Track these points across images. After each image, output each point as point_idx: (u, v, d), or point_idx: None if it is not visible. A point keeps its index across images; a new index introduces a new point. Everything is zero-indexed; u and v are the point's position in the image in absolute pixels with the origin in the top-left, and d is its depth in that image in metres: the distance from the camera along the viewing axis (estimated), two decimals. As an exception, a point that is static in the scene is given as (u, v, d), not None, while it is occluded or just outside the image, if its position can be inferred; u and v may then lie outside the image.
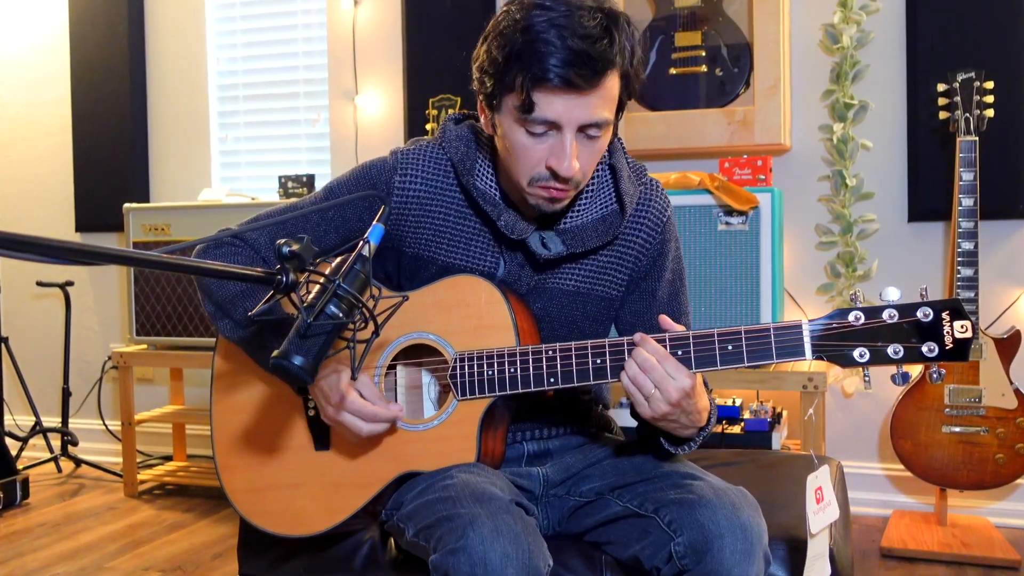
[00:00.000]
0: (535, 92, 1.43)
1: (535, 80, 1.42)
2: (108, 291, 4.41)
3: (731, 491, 1.48)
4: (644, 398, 1.45)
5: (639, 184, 1.69)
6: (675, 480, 1.54)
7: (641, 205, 1.68)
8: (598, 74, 1.43)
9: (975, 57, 3.10)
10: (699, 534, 1.42)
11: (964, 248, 2.86)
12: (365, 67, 3.96)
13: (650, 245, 1.69)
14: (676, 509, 1.47)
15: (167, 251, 1.17)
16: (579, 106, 1.45)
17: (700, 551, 1.41)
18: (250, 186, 4.22)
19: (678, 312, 1.74)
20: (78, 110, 4.33)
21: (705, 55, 3.34)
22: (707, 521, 1.42)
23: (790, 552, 1.64)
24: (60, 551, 3.13)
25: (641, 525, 1.52)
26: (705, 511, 1.43)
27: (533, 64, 1.42)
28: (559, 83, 1.42)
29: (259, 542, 1.78)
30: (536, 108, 1.44)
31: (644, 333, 1.47)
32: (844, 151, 3.27)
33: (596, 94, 1.45)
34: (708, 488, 1.48)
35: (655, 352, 1.44)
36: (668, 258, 1.72)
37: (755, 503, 1.48)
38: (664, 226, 1.70)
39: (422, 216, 1.66)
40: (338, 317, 1.25)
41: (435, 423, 1.58)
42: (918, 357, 1.37)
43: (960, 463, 2.93)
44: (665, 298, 1.73)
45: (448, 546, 1.36)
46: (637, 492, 1.56)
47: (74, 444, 4.13)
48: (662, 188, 1.73)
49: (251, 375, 1.71)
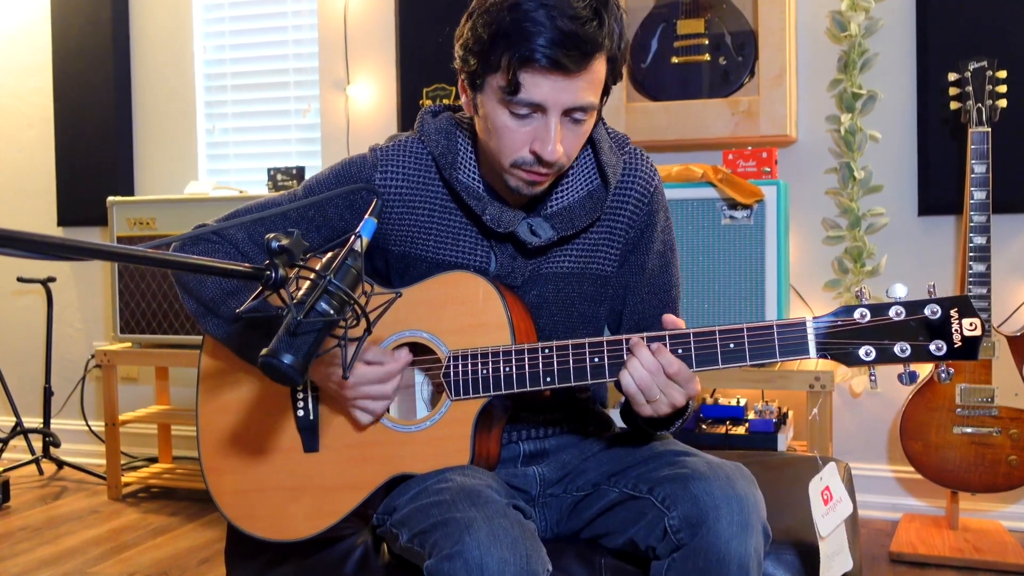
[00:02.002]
0: (521, 73, 1.44)
1: (522, 60, 1.43)
2: (91, 287, 4.41)
3: (725, 464, 1.50)
4: (647, 402, 1.47)
5: (622, 154, 1.69)
6: (669, 458, 1.56)
7: (626, 176, 1.69)
8: (587, 56, 1.44)
9: (987, 45, 3.10)
10: (693, 507, 1.42)
11: (976, 243, 2.87)
12: (357, 56, 3.96)
13: (638, 216, 1.70)
14: (670, 485, 1.48)
15: (152, 246, 1.16)
16: (566, 89, 1.45)
17: (695, 524, 1.42)
18: (238, 179, 4.22)
19: (668, 285, 1.75)
20: (60, 100, 4.33)
21: (708, 43, 3.34)
22: (701, 493, 1.43)
23: (800, 556, 1.64)
24: (41, 556, 3.14)
25: (636, 507, 1.53)
26: (699, 484, 1.44)
27: (520, 44, 1.42)
28: (547, 64, 1.42)
29: (247, 547, 1.78)
30: (522, 89, 1.45)
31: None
32: (852, 143, 3.27)
33: (583, 77, 1.46)
34: (702, 462, 1.50)
35: (668, 363, 1.45)
36: (657, 229, 1.72)
37: (750, 476, 1.49)
38: (652, 195, 1.70)
39: (406, 213, 1.66)
40: (329, 314, 1.25)
41: (428, 424, 1.59)
42: (926, 356, 1.38)
43: (972, 465, 2.93)
44: (655, 270, 1.73)
45: (443, 552, 1.36)
46: (631, 476, 1.57)
47: (56, 445, 4.13)
48: (647, 156, 1.73)
49: (239, 374, 1.71)
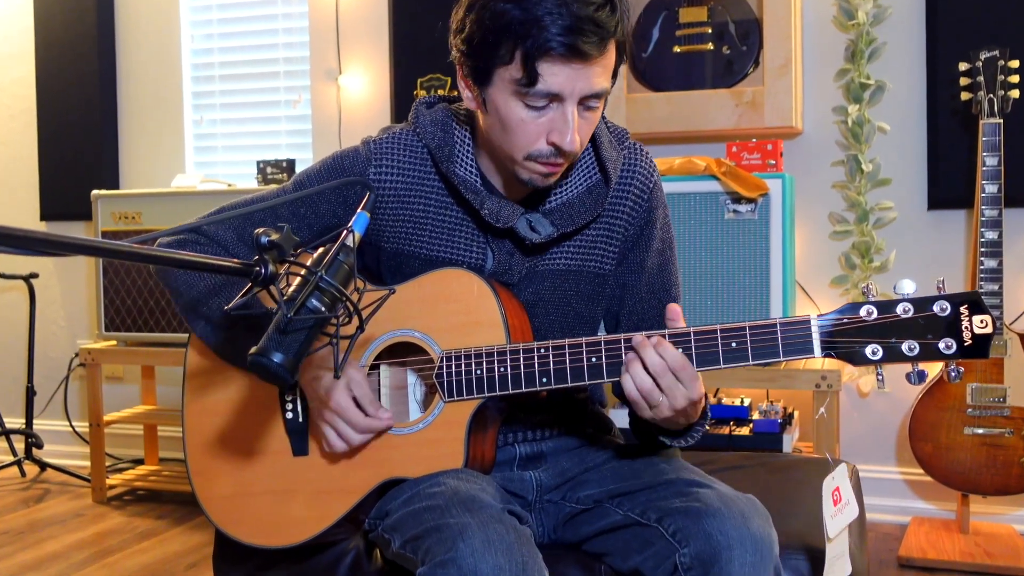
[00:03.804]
0: (539, 63, 1.43)
1: (539, 50, 1.42)
2: (75, 284, 4.40)
3: (740, 499, 1.48)
4: (648, 406, 1.46)
5: (622, 149, 1.69)
6: (680, 488, 1.54)
7: (626, 171, 1.69)
8: (604, 41, 1.44)
9: (999, 34, 3.10)
10: (706, 545, 1.41)
11: (988, 238, 2.87)
12: (349, 45, 3.95)
13: (637, 213, 1.70)
14: (681, 518, 1.46)
15: (138, 241, 1.16)
16: (583, 76, 1.45)
17: (707, 563, 1.41)
18: (226, 172, 4.22)
19: (668, 284, 1.75)
20: (43, 90, 4.32)
21: (711, 32, 3.33)
22: (715, 531, 1.41)
23: (810, 561, 1.63)
24: (23, 561, 3.13)
25: (643, 535, 1.51)
26: (713, 521, 1.43)
27: (536, 33, 1.42)
28: (564, 52, 1.42)
29: (235, 552, 1.77)
30: (540, 80, 1.44)
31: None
32: (859, 134, 3.27)
33: (600, 63, 1.46)
34: (715, 496, 1.48)
35: (672, 358, 1.44)
36: (656, 226, 1.72)
37: (766, 513, 1.48)
38: (651, 192, 1.71)
39: (400, 208, 1.66)
40: (320, 311, 1.25)
41: (420, 426, 1.59)
42: (935, 354, 1.37)
43: (983, 467, 2.94)
44: (654, 269, 1.73)
45: (437, 558, 1.36)
46: (639, 500, 1.56)
47: (39, 447, 4.13)
48: (647, 152, 1.73)
49: (226, 373, 1.71)
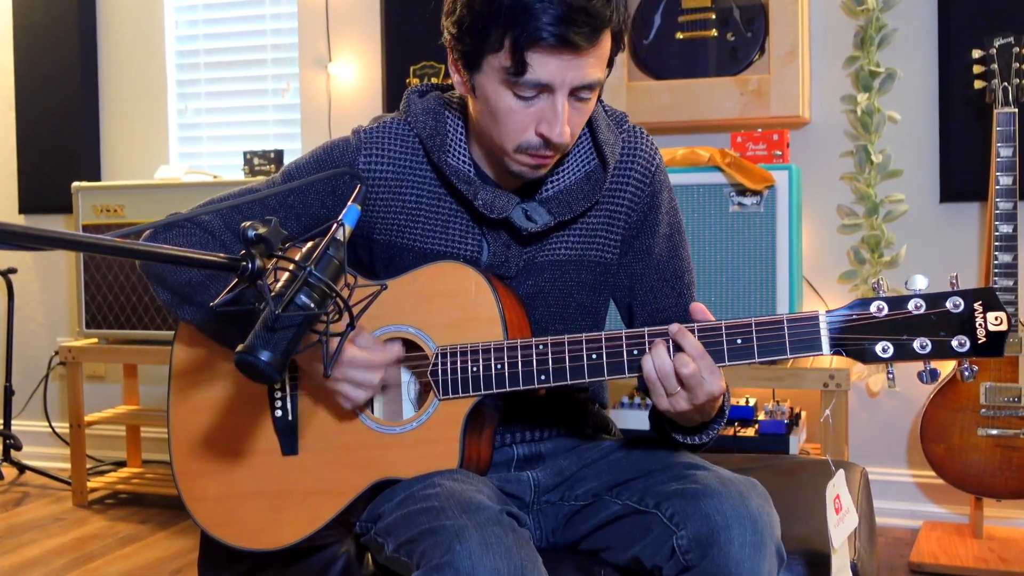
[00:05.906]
0: (528, 52, 1.44)
1: (528, 39, 1.42)
2: (55, 279, 4.40)
3: (738, 480, 1.49)
4: (665, 393, 1.46)
5: (620, 132, 1.70)
6: (677, 471, 1.55)
7: (625, 155, 1.69)
8: (596, 32, 1.44)
9: (1013, 21, 3.10)
10: (704, 525, 1.42)
11: (1002, 231, 2.87)
12: (339, 31, 3.95)
13: (639, 198, 1.70)
14: (679, 501, 1.47)
15: (120, 235, 1.16)
16: (574, 67, 1.46)
17: (705, 544, 1.41)
18: (212, 163, 4.21)
19: (679, 271, 1.75)
20: (21, 79, 4.31)
21: (715, 18, 3.33)
22: (712, 511, 1.42)
23: (810, 567, 1.64)
24: (1, 567, 3.13)
25: (642, 523, 1.52)
26: (710, 501, 1.43)
27: (526, 21, 1.42)
28: (555, 43, 1.42)
29: (222, 556, 1.78)
30: (528, 70, 1.45)
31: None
32: (869, 124, 3.28)
33: (592, 54, 1.46)
34: (713, 477, 1.49)
35: (692, 348, 1.44)
36: (661, 211, 1.72)
37: (766, 493, 1.49)
38: (653, 175, 1.71)
39: (392, 200, 1.66)
40: (309, 308, 1.25)
41: (414, 425, 1.59)
42: (947, 352, 1.37)
43: (998, 469, 2.94)
44: (663, 256, 1.73)
45: (433, 561, 1.36)
46: (637, 488, 1.57)
47: (17, 448, 4.13)
48: (647, 134, 1.73)
49: (214, 371, 1.71)
